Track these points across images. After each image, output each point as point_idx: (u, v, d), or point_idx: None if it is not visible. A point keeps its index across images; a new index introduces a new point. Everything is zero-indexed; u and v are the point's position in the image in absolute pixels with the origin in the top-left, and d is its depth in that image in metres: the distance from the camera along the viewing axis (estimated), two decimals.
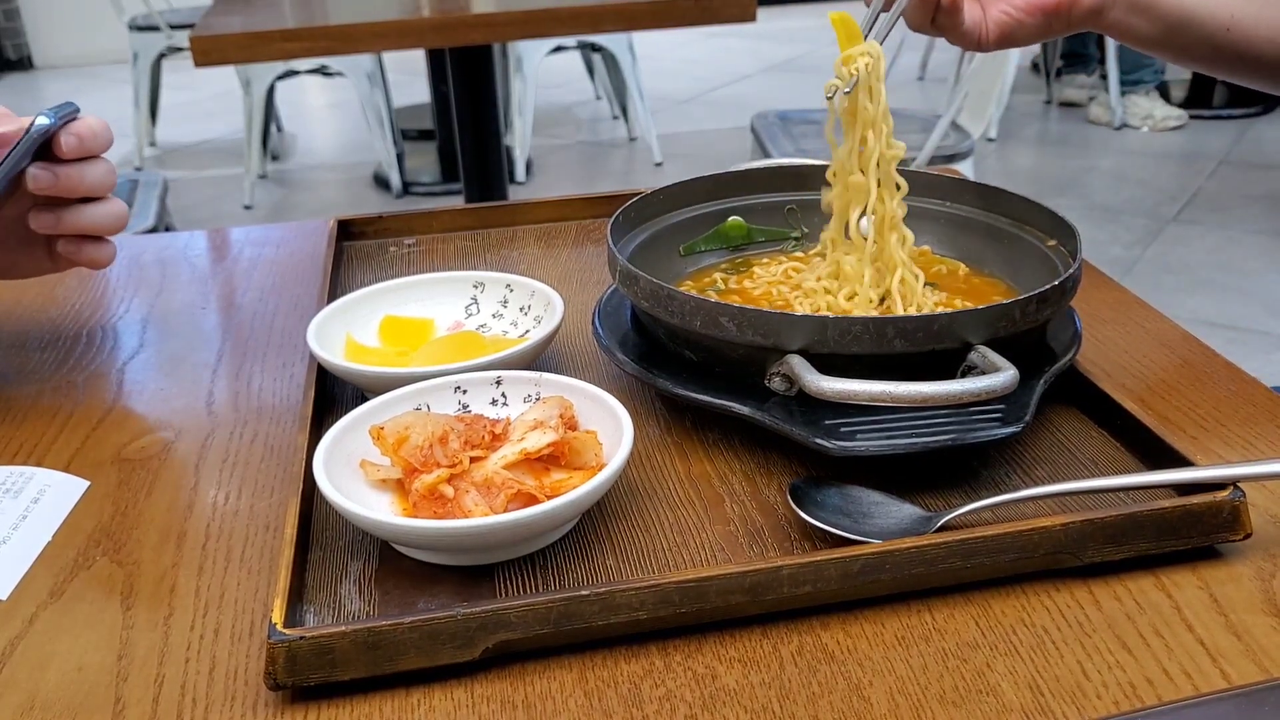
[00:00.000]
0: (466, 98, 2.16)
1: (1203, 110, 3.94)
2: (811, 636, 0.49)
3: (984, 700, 0.45)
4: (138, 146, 3.94)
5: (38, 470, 0.63)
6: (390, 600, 0.51)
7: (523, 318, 0.74)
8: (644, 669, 0.47)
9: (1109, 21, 0.75)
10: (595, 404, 0.59)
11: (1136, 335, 0.75)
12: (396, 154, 3.52)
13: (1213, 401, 0.66)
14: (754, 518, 0.56)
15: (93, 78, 5.30)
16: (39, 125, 0.66)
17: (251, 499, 0.60)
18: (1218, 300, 2.61)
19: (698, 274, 0.77)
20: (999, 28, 0.72)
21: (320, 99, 4.81)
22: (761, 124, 2.49)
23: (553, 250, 0.93)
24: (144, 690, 0.47)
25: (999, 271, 0.74)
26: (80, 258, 0.73)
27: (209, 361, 0.77)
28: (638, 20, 1.85)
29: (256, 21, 1.78)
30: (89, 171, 0.69)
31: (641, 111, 3.76)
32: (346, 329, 0.72)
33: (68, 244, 0.73)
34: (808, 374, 0.56)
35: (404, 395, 0.60)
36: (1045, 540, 0.50)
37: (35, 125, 0.66)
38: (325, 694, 0.46)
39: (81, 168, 0.69)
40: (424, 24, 1.79)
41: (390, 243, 0.95)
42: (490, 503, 0.53)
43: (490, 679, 0.47)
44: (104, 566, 0.55)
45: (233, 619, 0.51)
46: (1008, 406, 0.58)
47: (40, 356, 0.78)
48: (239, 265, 0.94)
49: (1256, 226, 3.02)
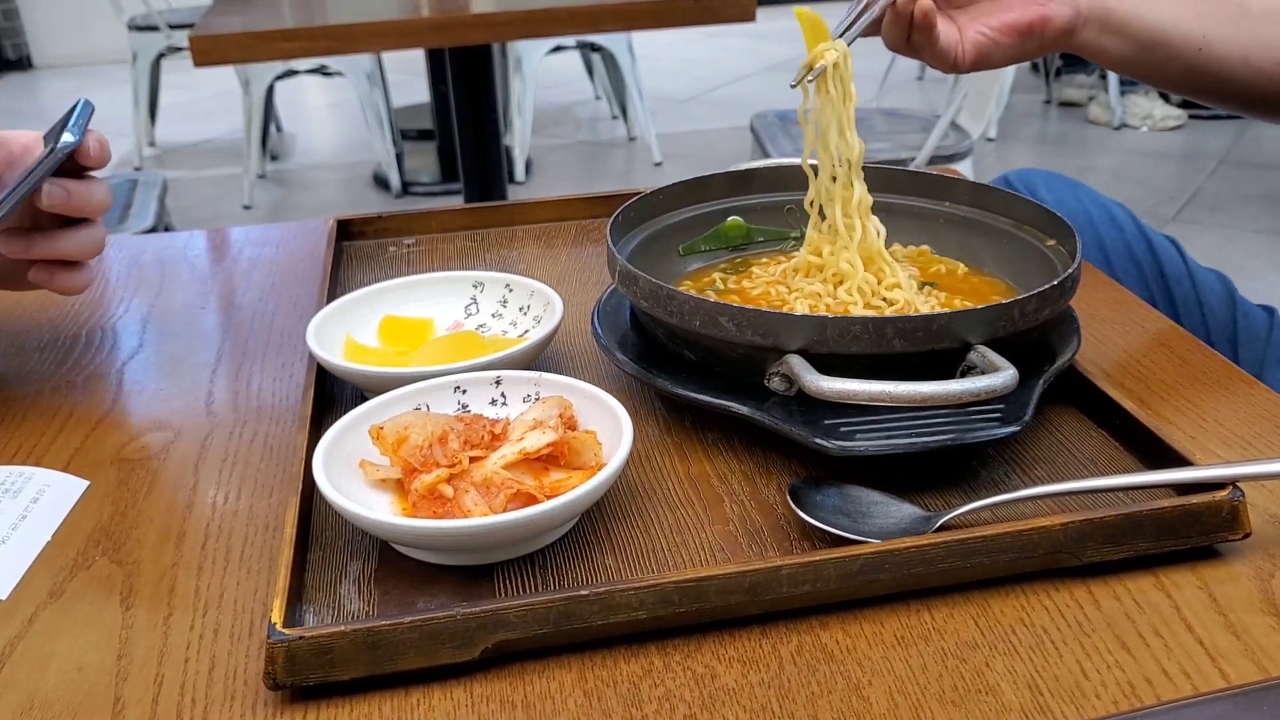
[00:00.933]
0: (466, 98, 2.16)
1: (1202, 110, 3.94)
2: (811, 636, 0.49)
3: (983, 700, 0.45)
4: (137, 146, 3.94)
5: (37, 470, 0.63)
6: (390, 600, 0.51)
7: (522, 317, 0.74)
8: (643, 669, 0.47)
9: (1081, 41, 0.75)
10: (594, 404, 0.59)
11: (1136, 335, 0.75)
12: (396, 154, 3.52)
13: (1212, 401, 0.66)
14: (753, 518, 0.56)
15: (92, 77, 5.30)
16: (66, 143, 0.65)
17: (251, 499, 0.60)
18: None
19: (697, 274, 0.77)
20: (975, 49, 0.72)
21: (320, 99, 4.81)
22: (761, 124, 2.49)
23: (552, 250, 0.93)
24: (143, 690, 0.47)
25: (999, 271, 0.74)
26: (53, 284, 0.70)
27: (208, 361, 0.77)
28: (637, 20, 1.85)
29: (256, 21, 1.78)
30: (97, 191, 0.68)
31: (641, 111, 3.77)
32: (346, 329, 0.72)
33: (39, 271, 0.70)
34: (807, 374, 0.56)
35: (403, 395, 0.60)
36: (1045, 540, 0.50)
37: (63, 143, 0.65)
38: (325, 694, 0.46)
39: (90, 187, 0.68)
40: (423, 24, 1.79)
41: (390, 242, 0.95)
42: (490, 503, 0.53)
43: (490, 679, 0.47)
44: (103, 566, 0.55)
45: (232, 619, 0.51)
46: (1007, 406, 0.58)
47: (40, 356, 0.78)
48: (238, 265, 0.94)
49: (1255, 226, 3.02)
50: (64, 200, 0.66)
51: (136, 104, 3.85)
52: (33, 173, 0.65)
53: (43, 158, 0.65)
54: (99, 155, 0.67)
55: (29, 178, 0.65)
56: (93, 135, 0.67)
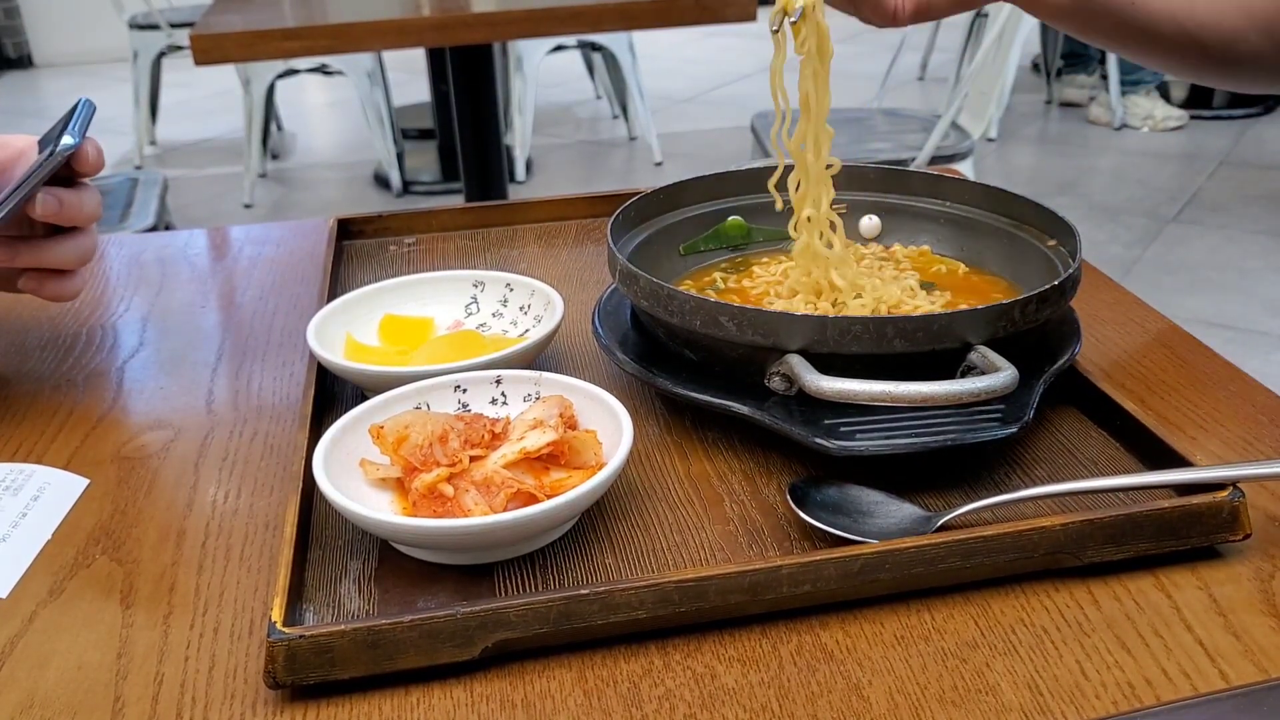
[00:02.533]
0: (466, 97, 2.16)
1: (1203, 110, 3.94)
2: (811, 636, 0.49)
3: (983, 700, 0.45)
4: (138, 145, 3.94)
5: (37, 468, 0.63)
6: (390, 599, 0.51)
7: (522, 317, 0.74)
8: (643, 668, 0.47)
9: None
10: (595, 403, 0.59)
11: (1136, 335, 0.75)
12: (396, 153, 3.52)
13: (1213, 401, 0.66)
14: (753, 517, 0.56)
15: (93, 76, 5.30)
16: (65, 145, 0.64)
17: (251, 497, 0.60)
18: (1217, 300, 2.61)
19: (697, 274, 0.77)
20: (914, 2, 0.71)
21: (320, 98, 4.81)
22: (761, 124, 2.49)
23: (552, 250, 0.93)
24: (143, 688, 0.47)
25: (999, 271, 0.74)
26: (42, 292, 0.70)
27: (209, 360, 0.77)
28: (638, 19, 1.85)
29: (256, 20, 1.78)
30: (88, 200, 0.68)
31: (641, 111, 3.76)
32: (346, 328, 0.72)
33: (29, 279, 0.69)
34: (807, 374, 0.56)
35: (404, 394, 0.60)
36: (1045, 540, 0.50)
37: (62, 145, 0.64)
38: (324, 693, 0.46)
39: (82, 196, 0.67)
40: (424, 23, 1.79)
41: (390, 242, 0.95)
42: (490, 502, 0.53)
43: (489, 678, 0.47)
44: (103, 565, 0.55)
45: (232, 617, 0.51)
46: (1008, 406, 0.58)
47: (40, 355, 0.78)
48: (239, 264, 0.94)
49: (1256, 226, 3.02)
50: (56, 210, 0.66)
51: (137, 103, 3.85)
52: (29, 177, 0.64)
53: (41, 160, 0.64)
54: (96, 162, 0.67)
55: (25, 182, 0.64)
56: (90, 142, 0.66)
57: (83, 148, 0.66)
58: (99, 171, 0.68)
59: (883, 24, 0.72)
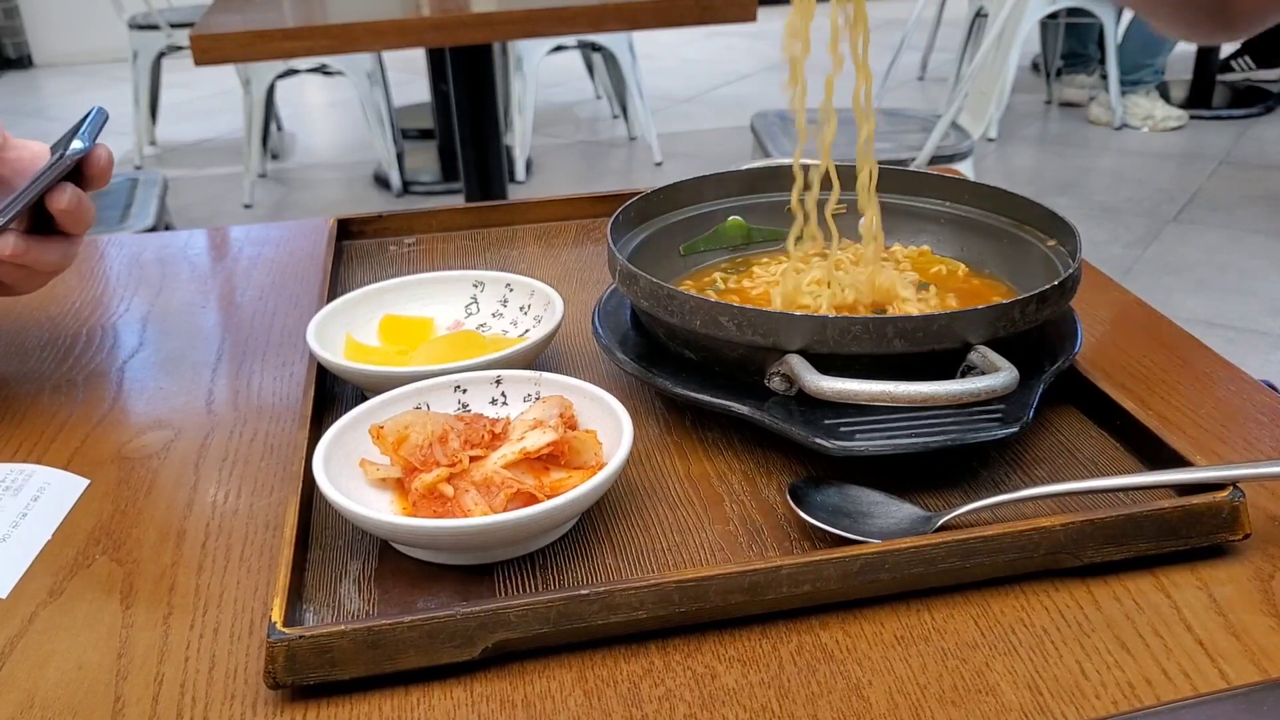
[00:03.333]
0: (466, 97, 2.16)
1: (1203, 110, 3.94)
2: (811, 636, 0.49)
3: (983, 700, 0.45)
4: (137, 145, 3.93)
5: (37, 468, 0.63)
6: (390, 599, 0.51)
7: (522, 317, 0.74)
8: (643, 668, 0.47)
9: None
10: (595, 403, 0.59)
11: (1136, 335, 0.75)
12: (396, 153, 3.52)
13: (1213, 401, 0.66)
14: (753, 517, 0.56)
15: (92, 76, 5.30)
16: (75, 149, 0.64)
17: (251, 498, 0.60)
18: (1217, 300, 2.61)
19: (698, 274, 0.77)
20: None
21: (320, 98, 4.81)
22: (761, 124, 2.49)
23: (552, 250, 0.93)
24: (143, 689, 0.47)
25: (999, 271, 0.74)
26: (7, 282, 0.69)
27: (209, 360, 0.77)
28: (638, 20, 1.85)
29: (256, 20, 1.78)
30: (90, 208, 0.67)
31: (641, 111, 3.76)
32: (346, 328, 0.72)
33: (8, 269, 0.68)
34: (807, 374, 0.56)
35: (404, 394, 0.60)
36: (1045, 540, 0.50)
37: (72, 149, 0.64)
38: (325, 693, 0.46)
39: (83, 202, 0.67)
40: (424, 23, 1.79)
41: (390, 242, 0.95)
42: (490, 502, 0.53)
43: (490, 678, 0.47)
44: (103, 565, 0.55)
45: (232, 618, 0.51)
46: (1008, 406, 0.58)
47: (40, 355, 0.78)
48: (239, 264, 0.94)
49: (1256, 226, 3.02)
50: (76, 206, 0.66)
51: (137, 103, 3.85)
52: (39, 178, 0.64)
53: (52, 163, 0.65)
54: (107, 165, 0.66)
55: (34, 184, 0.65)
56: (102, 148, 0.66)
57: (95, 150, 0.66)
58: (108, 177, 0.67)
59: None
